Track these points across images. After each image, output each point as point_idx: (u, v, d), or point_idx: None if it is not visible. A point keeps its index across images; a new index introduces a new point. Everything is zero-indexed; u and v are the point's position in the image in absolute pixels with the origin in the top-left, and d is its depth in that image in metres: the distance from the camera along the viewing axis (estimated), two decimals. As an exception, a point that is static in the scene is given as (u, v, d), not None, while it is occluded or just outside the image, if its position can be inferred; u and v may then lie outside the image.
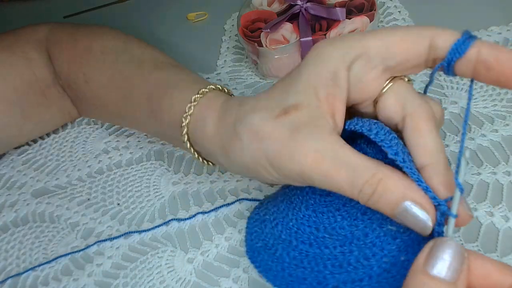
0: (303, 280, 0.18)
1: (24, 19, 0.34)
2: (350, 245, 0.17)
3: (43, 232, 0.28)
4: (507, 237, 0.22)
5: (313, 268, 0.18)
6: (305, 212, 0.19)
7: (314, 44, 0.30)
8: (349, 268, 0.17)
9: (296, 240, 0.19)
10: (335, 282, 0.17)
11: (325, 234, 0.18)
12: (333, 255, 0.18)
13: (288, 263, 0.19)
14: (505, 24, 0.33)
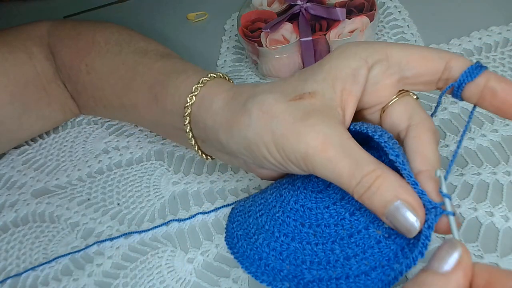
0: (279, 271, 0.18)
1: (24, 19, 0.34)
2: (333, 243, 0.17)
3: (43, 232, 0.28)
4: (507, 237, 0.22)
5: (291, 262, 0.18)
6: (293, 205, 0.19)
7: (314, 44, 0.31)
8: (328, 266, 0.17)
9: (279, 232, 0.19)
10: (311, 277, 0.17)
11: (310, 230, 0.18)
12: (313, 251, 0.18)
13: (267, 253, 0.19)
14: (505, 24, 0.33)
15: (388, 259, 0.16)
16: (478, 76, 0.17)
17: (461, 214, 0.23)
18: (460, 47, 0.32)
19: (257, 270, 0.18)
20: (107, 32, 0.29)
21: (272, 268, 0.18)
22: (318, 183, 0.19)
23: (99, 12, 0.46)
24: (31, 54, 0.30)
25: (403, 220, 0.15)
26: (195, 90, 0.21)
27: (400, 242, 0.16)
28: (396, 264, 0.16)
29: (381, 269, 0.16)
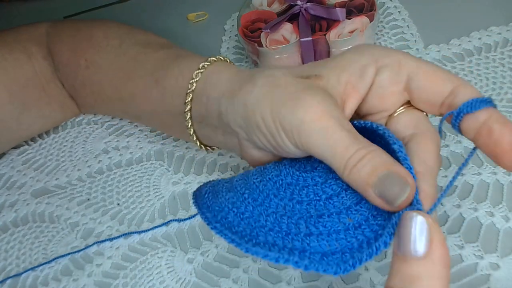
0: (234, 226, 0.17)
1: (24, 19, 0.34)
2: (299, 219, 0.17)
3: (43, 232, 0.28)
4: (507, 237, 0.22)
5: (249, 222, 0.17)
6: (272, 177, 0.18)
7: (314, 44, 0.31)
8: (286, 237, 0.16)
9: (248, 195, 0.18)
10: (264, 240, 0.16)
11: (280, 202, 0.18)
12: (277, 221, 0.17)
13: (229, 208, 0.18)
14: (504, 24, 0.33)
15: (351, 248, 0.16)
16: (479, 110, 0.15)
17: (461, 214, 0.23)
18: (460, 47, 0.32)
19: (212, 218, 0.17)
20: (105, 27, 0.29)
21: (229, 222, 0.17)
22: (305, 164, 0.19)
23: (99, 12, 0.46)
24: (30, 54, 0.30)
25: (392, 184, 0.15)
26: (202, 67, 0.21)
27: (369, 235, 0.16)
28: (357, 253, 0.15)
29: (340, 255, 0.16)
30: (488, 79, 0.30)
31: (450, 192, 0.24)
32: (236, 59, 0.37)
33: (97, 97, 0.29)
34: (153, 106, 0.25)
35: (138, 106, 0.27)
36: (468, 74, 0.30)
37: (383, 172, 0.15)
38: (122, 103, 0.28)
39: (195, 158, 0.30)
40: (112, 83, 0.27)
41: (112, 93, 0.28)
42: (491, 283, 0.20)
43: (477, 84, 0.29)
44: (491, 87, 0.29)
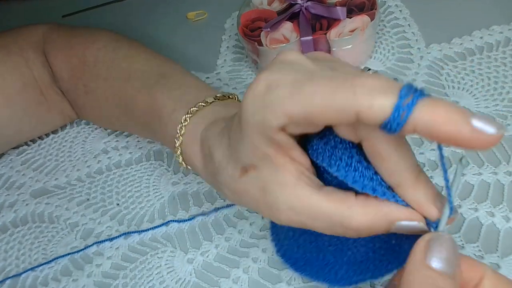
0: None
1: (23, 18, 0.34)
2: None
3: (43, 233, 0.28)
4: (508, 237, 0.22)
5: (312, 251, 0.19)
6: None
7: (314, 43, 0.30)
8: None
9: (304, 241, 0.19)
10: None
11: None
12: None
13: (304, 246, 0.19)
14: (506, 23, 0.32)
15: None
16: (401, 127, 0.12)
17: (462, 215, 0.23)
18: (462, 46, 0.32)
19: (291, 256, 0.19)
20: (95, 49, 0.29)
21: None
22: None
23: (98, 11, 0.46)
24: (27, 58, 0.30)
25: (411, 230, 0.15)
26: (177, 140, 0.22)
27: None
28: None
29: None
30: (489, 78, 0.29)
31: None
32: (236, 58, 0.36)
33: (98, 120, 0.32)
34: (151, 137, 0.29)
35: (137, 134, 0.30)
36: (469, 74, 0.30)
37: (391, 228, 0.15)
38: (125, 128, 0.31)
39: (195, 158, 0.30)
40: (114, 115, 0.29)
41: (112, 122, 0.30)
42: (492, 284, 0.20)
43: (479, 83, 0.29)
44: (493, 87, 0.29)
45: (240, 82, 0.34)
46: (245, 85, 0.34)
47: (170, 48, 0.39)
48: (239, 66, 0.36)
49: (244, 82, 0.34)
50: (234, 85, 0.34)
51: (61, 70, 0.30)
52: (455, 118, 0.12)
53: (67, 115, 0.33)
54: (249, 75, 0.35)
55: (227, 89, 0.34)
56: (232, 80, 0.35)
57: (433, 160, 0.26)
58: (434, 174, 0.25)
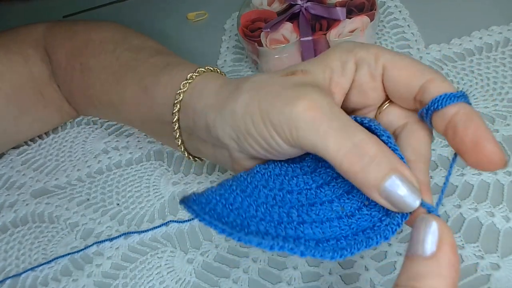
0: (223, 217, 0.16)
1: (23, 19, 0.34)
2: (291, 208, 0.17)
3: (43, 233, 0.28)
4: (508, 237, 0.22)
5: (239, 213, 0.17)
6: (260, 169, 0.18)
7: (314, 44, 0.31)
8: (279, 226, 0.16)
9: (237, 188, 0.18)
10: (256, 229, 0.16)
11: (270, 192, 0.17)
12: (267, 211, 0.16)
13: (217, 200, 0.17)
14: (505, 23, 0.32)
15: (345, 236, 0.16)
16: (447, 106, 0.15)
17: (462, 215, 0.23)
18: (461, 47, 0.32)
19: (200, 210, 0.16)
20: (102, 30, 0.29)
21: (218, 213, 0.16)
22: (293, 158, 0.19)
23: (98, 11, 0.46)
24: (26, 56, 0.30)
25: (403, 196, 0.14)
26: (190, 78, 0.21)
27: (363, 225, 0.16)
28: (354, 241, 0.15)
29: (335, 242, 0.15)
30: (489, 78, 0.29)
31: (450, 192, 0.24)
32: (236, 58, 0.36)
33: (90, 102, 0.29)
34: (142, 114, 0.25)
35: (128, 113, 0.26)
36: (469, 74, 0.30)
37: (390, 177, 0.14)
38: (113, 108, 0.27)
39: (195, 158, 0.30)
40: (104, 88, 0.27)
41: (103, 98, 0.27)
42: (492, 283, 0.20)
43: (478, 83, 0.29)
44: (492, 87, 0.29)
45: (240, 83, 0.34)
46: (245, 86, 0.34)
47: (170, 48, 0.38)
48: (239, 66, 0.36)
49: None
50: (234, 86, 0.34)
51: (61, 55, 0.29)
52: (487, 129, 0.15)
53: (66, 112, 0.33)
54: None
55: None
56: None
57: (432, 160, 0.26)
58: (434, 174, 0.25)
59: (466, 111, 0.15)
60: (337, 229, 0.16)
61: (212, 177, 0.28)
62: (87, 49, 0.28)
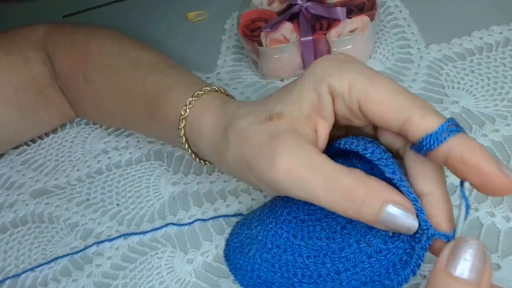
0: (270, 284, 0.18)
1: (23, 19, 0.34)
2: (324, 257, 0.18)
3: (42, 233, 0.28)
4: (508, 237, 0.22)
5: (282, 274, 0.18)
6: (286, 216, 0.19)
7: (314, 44, 0.31)
8: (319, 280, 0.17)
9: (272, 243, 0.19)
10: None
11: (302, 242, 0.18)
12: (305, 264, 0.18)
13: (259, 264, 0.19)
14: (506, 23, 0.32)
15: (379, 275, 0.16)
16: (437, 147, 0.14)
17: (462, 215, 0.23)
18: (461, 47, 0.32)
19: (249, 282, 0.18)
20: (101, 39, 0.29)
21: (264, 280, 0.18)
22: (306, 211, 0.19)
23: (98, 11, 0.46)
24: (27, 58, 0.30)
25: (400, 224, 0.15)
26: (184, 112, 0.22)
27: (392, 258, 0.16)
28: (387, 281, 0.16)
29: (371, 284, 0.16)
30: (489, 78, 0.29)
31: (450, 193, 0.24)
32: (236, 58, 0.36)
33: (96, 112, 0.30)
34: (155, 133, 0.27)
35: (141, 129, 0.29)
36: (469, 74, 0.30)
37: (383, 211, 0.15)
38: (122, 122, 0.29)
39: (195, 158, 0.30)
40: (111, 104, 0.28)
41: (110, 112, 0.29)
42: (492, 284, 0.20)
43: (479, 83, 0.29)
44: (493, 87, 0.29)
45: (240, 82, 0.34)
46: (245, 85, 0.34)
47: (170, 48, 0.39)
48: (239, 66, 0.36)
49: (244, 82, 0.34)
50: (234, 85, 0.34)
51: (62, 64, 0.30)
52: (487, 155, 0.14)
53: (66, 114, 0.33)
54: (249, 76, 0.35)
55: (227, 89, 0.34)
56: (232, 80, 0.35)
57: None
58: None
59: (460, 148, 0.14)
60: (370, 269, 0.16)
61: (212, 177, 0.28)
62: (87, 61, 0.28)
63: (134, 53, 0.28)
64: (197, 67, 0.36)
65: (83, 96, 0.30)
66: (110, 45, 0.29)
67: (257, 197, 0.26)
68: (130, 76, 0.26)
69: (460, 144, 0.14)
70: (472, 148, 0.14)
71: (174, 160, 0.30)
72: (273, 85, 0.33)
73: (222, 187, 0.27)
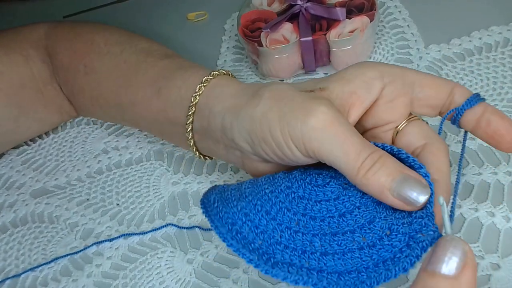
0: (249, 242, 0.17)
1: (24, 19, 0.34)
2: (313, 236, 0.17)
3: (42, 233, 0.28)
4: (508, 237, 0.22)
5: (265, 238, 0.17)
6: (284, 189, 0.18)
7: (314, 44, 0.31)
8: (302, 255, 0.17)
9: (261, 207, 0.18)
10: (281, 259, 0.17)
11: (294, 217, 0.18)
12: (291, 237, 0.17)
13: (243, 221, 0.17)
14: (505, 24, 0.32)
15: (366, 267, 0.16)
16: (476, 105, 0.18)
17: (462, 215, 0.23)
18: (461, 47, 0.32)
19: (227, 233, 0.17)
20: (106, 33, 0.29)
21: (244, 237, 0.17)
22: (317, 178, 0.19)
23: (99, 12, 0.46)
24: (27, 56, 0.30)
25: (412, 188, 0.16)
26: (205, 81, 0.21)
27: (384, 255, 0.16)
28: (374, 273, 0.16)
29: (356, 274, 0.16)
30: (488, 79, 0.29)
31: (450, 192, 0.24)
32: (236, 58, 0.37)
33: (95, 103, 0.29)
34: (154, 115, 0.25)
35: (137, 114, 0.26)
36: (468, 74, 0.30)
37: (400, 176, 0.16)
38: (121, 109, 0.27)
39: (195, 158, 0.30)
40: (112, 90, 0.27)
41: (111, 99, 0.27)
42: (492, 284, 0.20)
43: (478, 83, 0.29)
44: (492, 87, 0.29)
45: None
46: (245, 86, 0.34)
47: (170, 49, 0.39)
48: (239, 66, 0.36)
49: (244, 82, 0.34)
50: (234, 86, 0.34)
51: (63, 56, 0.29)
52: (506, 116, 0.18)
53: (66, 112, 0.33)
54: (249, 76, 0.35)
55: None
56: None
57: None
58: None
59: (491, 107, 0.19)
60: (359, 260, 0.16)
61: (212, 177, 0.28)
62: (91, 51, 0.28)
63: (146, 44, 0.28)
64: (197, 67, 0.36)
65: (83, 88, 0.29)
66: (118, 37, 0.28)
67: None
68: (140, 61, 0.26)
69: (489, 106, 0.19)
70: (496, 110, 0.18)
71: (174, 160, 0.30)
72: (273, 85, 0.33)
73: (222, 187, 0.28)
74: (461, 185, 0.24)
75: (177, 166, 0.30)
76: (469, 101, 0.18)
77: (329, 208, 0.18)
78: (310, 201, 0.18)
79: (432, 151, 0.19)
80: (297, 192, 0.18)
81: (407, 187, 0.16)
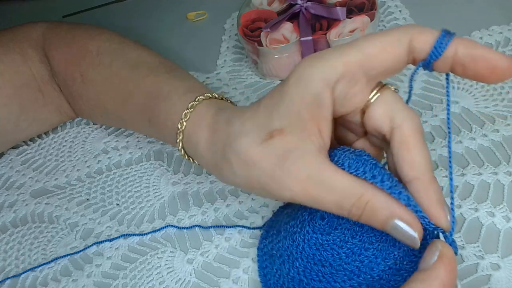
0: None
1: (23, 19, 0.34)
2: (359, 278, 0.18)
3: (42, 233, 0.28)
4: (508, 237, 0.22)
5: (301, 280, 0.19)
6: (309, 251, 0.19)
7: (314, 44, 0.31)
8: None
9: (306, 278, 0.19)
10: None
11: (332, 270, 0.19)
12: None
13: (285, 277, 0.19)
14: (506, 23, 0.32)
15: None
16: (444, 51, 0.15)
17: (462, 215, 0.23)
18: (461, 47, 0.32)
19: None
20: (99, 40, 0.29)
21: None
22: (324, 226, 0.20)
23: (98, 11, 0.46)
24: (26, 56, 0.30)
25: (404, 236, 0.16)
26: (181, 125, 0.22)
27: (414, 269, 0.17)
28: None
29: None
30: (489, 78, 0.29)
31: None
32: (236, 58, 0.36)
33: (94, 109, 0.30)
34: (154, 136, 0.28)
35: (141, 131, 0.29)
36: (469, 74, 0.30)
37: (389, 223, 0.16)
38: (122, 122, 0.29)
39: (195, 158, 0.30)
40: (108, 102, 0.28)
41: (112, 111, 0.28)
42: (492, 284, 0.20)
43: (478, 83, 0.29)
44: (492, 87, 0.29)
45: (240, 82, 0.34)
46: (245, 85, 0.34)
47: (170, 48, 0.39)
48: (239, 66, 0.36)
49: (244, 82, 0.34)
50: (234, 85, 0.34)
51: (60, 61, 0.30)
52: (487, 47, 0.15)
53: (65, 112, 0.33)
54: (249, 75, 0.35)
55: (227, 89, 0.34)
56: (232, 80, 0.35)
57: (433, 160, 0.26)
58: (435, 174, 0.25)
59: (462, 45, 0.15)
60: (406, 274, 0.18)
61: (212, 177, 0.28)
62: (84, 60, 0.28)
63: (134, 53, 0.28)
64: (197, 67, 0.36)
65: (81, 95, 0.30)
66: (109, 45, 0.29)
67: (257, 197, 0.26)
68: (129, 75, 0.26)
69: (462, 43, 0.15)
70: (473, 43, 0.15)
71: (174, 160, 0.30)
72: (273, 85, 0.33)
73: (222, 187, 0.27)
74: (461, 185, 0.24)
75: (177, 166, 0.30)
76: (433, 52, 0.15)
77: (351, 248, 0.19)
78: (335, 250, 0.19)
79: (401, 140, 0.16)
80: (319, 247, 0.19)
81: (399, 235, 0.16)
